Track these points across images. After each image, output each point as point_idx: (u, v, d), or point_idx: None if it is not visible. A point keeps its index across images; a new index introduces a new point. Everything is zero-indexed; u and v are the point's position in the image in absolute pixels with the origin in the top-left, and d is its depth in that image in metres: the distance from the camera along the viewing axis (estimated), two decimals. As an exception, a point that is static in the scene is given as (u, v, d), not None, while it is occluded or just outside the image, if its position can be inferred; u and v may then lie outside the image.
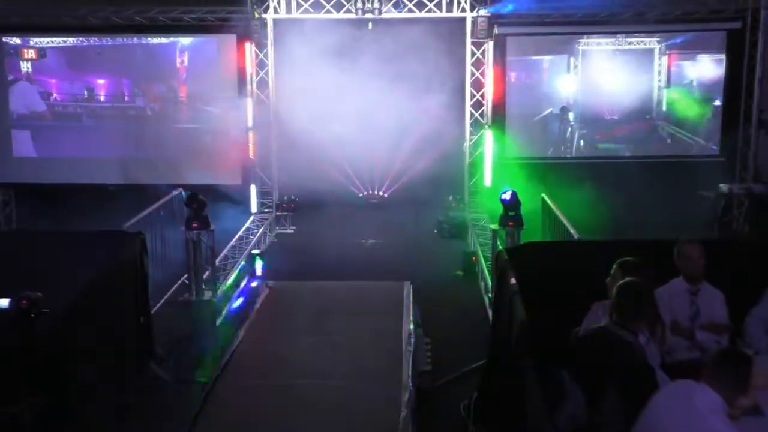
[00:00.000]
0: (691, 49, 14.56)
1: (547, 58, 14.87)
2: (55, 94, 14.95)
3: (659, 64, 14.52)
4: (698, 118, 14.65)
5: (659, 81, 14.57)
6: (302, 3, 14.02)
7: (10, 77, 14.82)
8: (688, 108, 14.58)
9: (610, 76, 14.48)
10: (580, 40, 14.53)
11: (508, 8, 13.72)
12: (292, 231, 14.74)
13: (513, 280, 6.47)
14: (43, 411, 4.48)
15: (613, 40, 14.51)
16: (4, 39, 14.70)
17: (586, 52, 14.57)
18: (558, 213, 10.30)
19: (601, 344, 4.74)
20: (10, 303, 4.53)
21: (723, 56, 14.34)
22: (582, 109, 14.81)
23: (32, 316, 4.50)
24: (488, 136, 14.44)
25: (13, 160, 15.05)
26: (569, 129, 14.89)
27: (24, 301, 4.51)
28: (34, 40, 14.71)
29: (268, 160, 14.94)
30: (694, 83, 14.62)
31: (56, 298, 5.73)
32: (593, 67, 14.57)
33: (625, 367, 4.56)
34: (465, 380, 7.92)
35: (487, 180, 14.44)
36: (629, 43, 14.49)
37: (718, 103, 14.54)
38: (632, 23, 14.20)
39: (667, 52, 14.47)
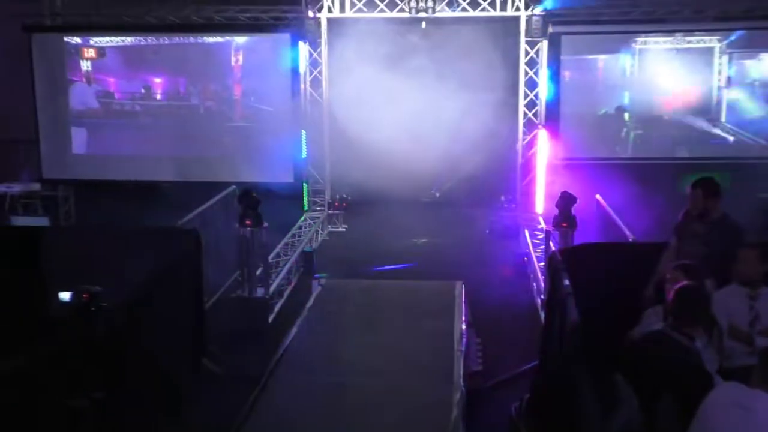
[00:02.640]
0: (753, 48, 14.20)
1: (602, 57, 14.66)
2: (113, 92, 15.24)
3: (719, 63, 14.18)
4: (760, 119, 14.29)
5: (719, 80, 14.23)
6: (356, 2, 14.08)
7: (70, 76, 15.14)
8: (750, 108, 14.23)
9: (668, 76, 14.16)
10: (637, 38, 14.27)
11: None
12: (344, 229, 14.82)
13: (566, 282, 6.42)
14: (103, 405, 4.57)
15: (671, 38, 14.22)
16: (65, 39, 15.02)
17: (642, 51, 14.30)
18: (612, 214, 10.17)
19: (656, 348, 4.68)
20: (72, 296, 4.63)
21: (787, 55, 13.98)
22: (638, 109, 14.56)
23: (92, 309, 4.60)
24: (542, 135, 14.32)
25: (73, 157, 15.38)
26: (624, 129, 14.67)
27: (85, 295, 4.61)
28: (94, 40, 14.99)
29: (320, 159, 15.03)
30: (756, 83, 14.25)
31: (112, 293, 5.85)
32: (650, 66, 14.28)
33: (681, 372, 4.49)
34: (516, 382, 7.88)
35: (540, 180, 14.32)
36: (688, 42, 14.17)
37: (781, 103, 14.18)
38: (691, 21, 13.92)
39: (728, 50, 14.14)
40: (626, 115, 14.57)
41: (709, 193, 6.38)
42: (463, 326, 7.18)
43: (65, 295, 4.63)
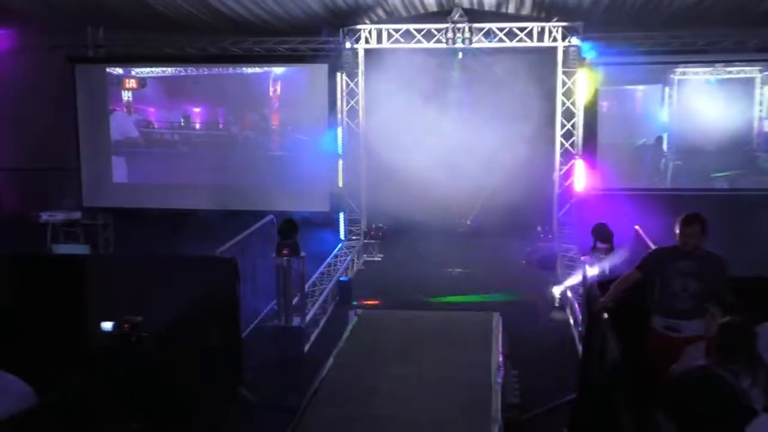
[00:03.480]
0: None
1: (640, 87, 14.60)
2: (153, 122, 15.48)
3: (761, 94, 14.05)
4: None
5: (760, 111, 14.09)
6: (393, 33, 14.18)
7: (111, 107, 15.42)
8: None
9: (708, 106, 14.04)
10: (676, 69, 14.19)
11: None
12: (380, 259, 14.82)
13: (605, 314, 6.35)
14: (139, 433, 4.60)
15: (710, 68, 14.12)
16: (107, 69, 15.32)
17: (682, 82, 14.21)
18: (651, 245, 10.05)
19: (699, 385, 4.58)
20: (114, 326, 4.69)
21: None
22: (677, 140, 14.45)
23: (133, 340, 4.64)
24: (579, 166, 14.25)
25: (113, 186, 15.62)
26: (663, 160, 14.55)
27: (126, 325, 4.66)
28: (136, 71, 15.28)
29: (356, 188, 15.09)
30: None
31: (150, 321, 5.90)
32: (689, 96, 14.18)
33: (725, 409, 4.39)
34: (554, 414, 7.78)
35: (576, 211, 14.21)
36: (728, 72, 14.07)
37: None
38: (732, 52, 13.81)
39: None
40: (665, 146, 14.45)
41: (704, 230, 6.29)
42: (501, 358, 7.12)
43: (107, 325, 4.69)
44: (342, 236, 14.98)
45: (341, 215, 14.98)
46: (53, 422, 4.34)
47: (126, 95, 15.40)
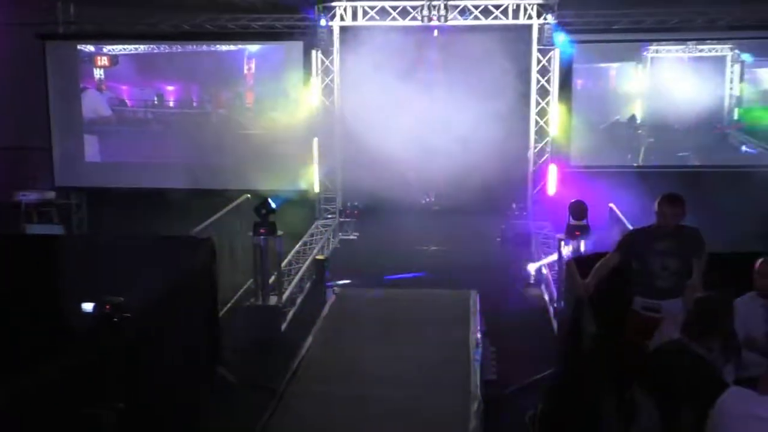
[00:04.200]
0: (765, 56, 14.20)
1: (614, 65, 14.69)
2: (126, 100, 15.32)
3: (731, 72, 14.20)
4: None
5: (731, 89, 14.24)
6: (368, 11, 14.10)
7: (83, 84, 15.23)
8: (762, 116, 14.22)
9: (680, 84, 14.17)
10: (649, 47, 14.29)
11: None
12: (356, 237, 14.84)
13: (582, 291, 6.41)
14: (123, 415, 4.59)
15: (683, 47, 14.24)
16: (78, 46, 15.11)
17: (655, 60, 14.33)
18: (626, 223, 10.16)
19: (674, 359, 4.67)
20: (95, 307, 4.67)
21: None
22: (650, 118, 14.57)
23: (115, 320, 4.63)
24: (553, 144, 14.33)
25: (85, 165, 15.47)
26: (636, 138, 14.68)
27: (108, 306, 4.65)
28: (107, 48, 15.10)
29: (332, 167, 15.06)
30: (768, 91, 14.27)
31: (127, 302, 5.87)
32: (662, 74, 14.32)
33: (699, 382, 4.48)
34: (530, 390, 7.88)
35: (551, 188, 14.31)
36: (700, 51, 14.20)
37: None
38: (704, 30, 13.92)
39: (740, 59, 14.14)
40: (638, 123, 14.58)
41: (685, 210, 6.34)
42: (478, 335, 7.19)
43: (88, 306, 4.67)
44: (317, 215, 14.96)
45: (316, 193, 14.94)
46: (34, 404, 4.33)
47: (98, 73, 15.22)
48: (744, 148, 14.40)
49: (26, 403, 4.30)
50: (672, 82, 14.26)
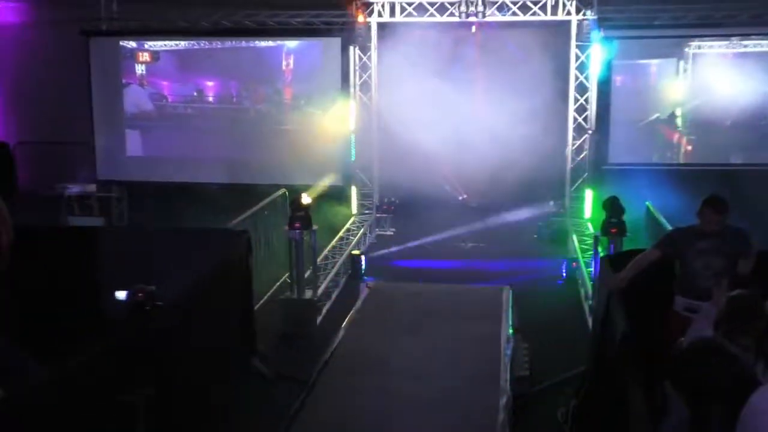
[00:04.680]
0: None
1: (654, 61, 14.51)
2: (167, 95, 15.53)
3: (777, 68, 13.93)
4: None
5: (776, 85, 13.97)
6: (406, 7, 14.10)
7: (125, 80, 15.47)
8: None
9: (723, 81, 13.92)
10: (691, 43, 14.08)
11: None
12: (392, 233, 14.87)
13: (616, 283, 6.37)
14: (154, 401, 4.68)
15: (726, 42, 14.00)
16: (121, 43, 15.35)
17: (697, 56, 14.11)
18: (663, 221, 10.07)
19: (706, 357, 4.61)
20: (128, 295, 4.76)
21: None
22: (691, 115, 14.37)
23: (147, 308, 4.72)
24: (591, 140, 14.21)
25: (127, 159, 15.72)
26: (677, 135, 14.49)
27: (140, 294, 4.73)
28: (149, 44, 15.31)
29: (369, 162, 15.10)
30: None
31: (164, 292, 5.97)
32: (704, 70, 14.07)
33: (731, 381, 4.43)
34: (563, 387, 7.84)
35: (589, 186, 14.20)
36: (744, 46, 13.95)
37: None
38: (749, 25, 13.67)
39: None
40: (678, 121, 14.39)
41: (728, 212, 6.27)
42: (510, 331, 7.18)
43: (121, 294, 4.77)
44: (354, 210, 15.03)
45: (353, 189, 15.01)
46: (68, 390, 4.43)
47: (139, 68, 15.45)
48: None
49: (60, 389, 4.40)
50: (715, 78, 14.01)
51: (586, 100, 14.17)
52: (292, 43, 14.93)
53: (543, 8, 13.74)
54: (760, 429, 3.77)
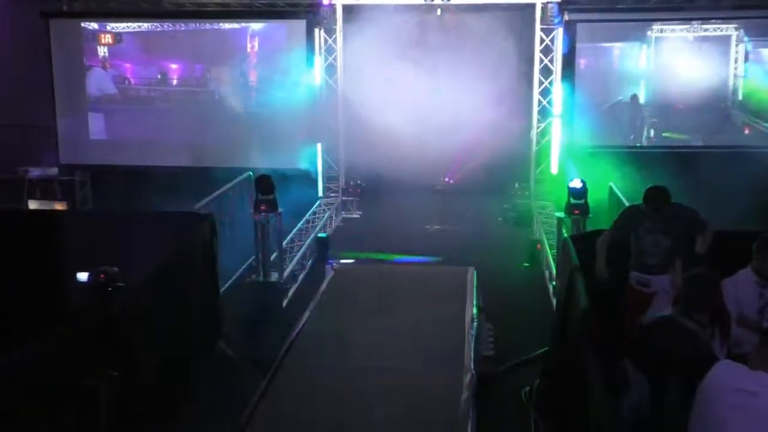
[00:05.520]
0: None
1: (618, 45, 14.65)
2: (130, 78, 15.34)
3: (736, 52, 14.14)
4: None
5: (735, 69, 14.19)
6: (372, -11, 14.08)
7: (87, 62, 15.25)
8: (766, 97, 14.18)
9: (684, 64, 14.14)
10: (653, 26, 14.23)
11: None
12: (358, 216, 14.88)
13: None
14: (118, 385, 4.66)
15: (687, 26, 14.18)
16: (82, 24, 15.12)
17: (658, 39, 14.28)
18: (625, 202, 10.18)
19: (666, 334, 4.70)
20: (89, 276, 4.72)
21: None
22: (653, 98, 14.55)
23: (109, 289, 4.68)
24: (556, 123, 14.31)
25: (90, 142, 15.52)
26: (639, 118, 14.65)
27: (102, 275, 4.70)
28: (111, 26, 15.10)
29: (335, 145, 15.08)
30: (773, 71, 14.21)
31: (129, 276, 5.94)
32: (666, 54, 14.28)
33: (690, 357, 4.52)
34: (527, 367, 7.94)
35: (554, 168, 14.32)
36: (704, 30, 14.13)
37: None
38: (709, 9, 13.86)
39: (745, 38, 14.07)
40: (641, 103, 14.56)
41: (668, 203, 6.43)
42: (475, 311, 7.22)
43: (83, 276, 4.73)
44: (320, 193, 15.01)
45: (319, 172, 14.98)
46: (31, 372, 4.40)
47: (102, 51, 15.23)
48: (746, 129, 14.36)
49: (22, 373, 4.36)
50: (676, 62, 14.24)
51: (551, 83, 14.26)
52: (256, 26, 14.82)
53: (508, -9, 13.79)
54: (716, 403, 3.86)
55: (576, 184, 9.78)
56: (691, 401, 4.12)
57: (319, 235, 12.51)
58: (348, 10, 14.48)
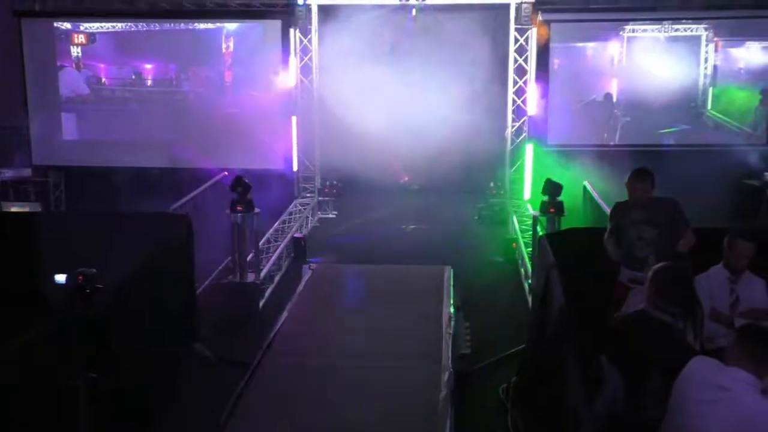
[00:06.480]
0: (739, 36, 14.36)
1: (591, 44, 14.80)
2: (103, 78, 15.25)
3: (706, 52, 14.35)
4: (746, 107, 14.46)
5: (705, 68, 14.40)
6: (347, -11, 14.09)
7: (60, 62, 15.13)
8: (736, 96, 14.40)
9: (655, 64, 14.34)
10: (625, 26, 14.40)
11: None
12: (334, 216, 14.88)
13: (553, 265, 6.51)
14: (96, 384, 4.64)
15: (658, 26, 14.36)
16: (55, 24, 15.00)
17: (631, 39, 14.46)
18: (599, 200, 10.29)
19: (641, 328, 4.76)
20: (67, 278, 4.70)
21: (772, 43, 14.15)
22: (626, 97, 14.71)
23: (88, 291, 4.67)
24: (530, 123, 14.42)
25: (63, 143, 15.40)
26: (612, 116, 14.81)
27: (80, 277, 4.68)
28: (84, 26, 15.00)
29: (310, 145, 15.08)
30: (743, 71, 14.42)
31: (106, 277, 5.91)
32: (638, 54, 14.47)
33: (665, 349, 4.57)
34: (504, 364, 8.00)
35: (528, 167, 14.42)
36: (675, 30, 14.34)
37: (769, 90, 14.36)
38: (679, 9, 14.05)
39: (715, 39, 14.29)
40: (614, 103, 14.72)
41: (654, 184, 6.49)
42: (452, 309, 7.27)
43: (61, 277, 4.70)
44: (296, 193, 15.00)
45: (295, 172, 14.97)
46: (9, 374, 4.37)
47: (75, 51, 15.14)
48: (715, 128, 14.59)
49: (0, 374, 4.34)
50: (648, 61, 14.42)
51: (525, 83, 14.36)
52: (231, 26, 14.80)
53: (482, -8, 13.87)
54: (691, 399, 3.92)
55: (549, 183, 9.87)
56: (666, 395, 4.18)
57: (296, 235, 12.50)
58: (323, 10, 14.48)
